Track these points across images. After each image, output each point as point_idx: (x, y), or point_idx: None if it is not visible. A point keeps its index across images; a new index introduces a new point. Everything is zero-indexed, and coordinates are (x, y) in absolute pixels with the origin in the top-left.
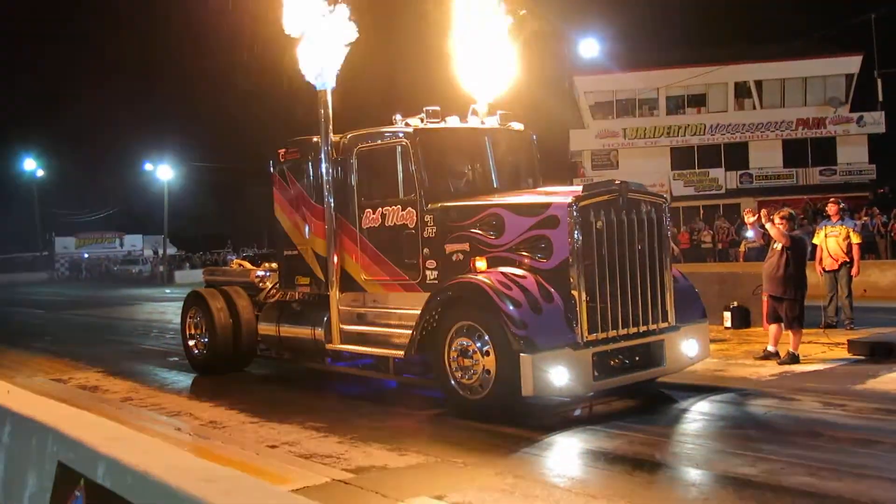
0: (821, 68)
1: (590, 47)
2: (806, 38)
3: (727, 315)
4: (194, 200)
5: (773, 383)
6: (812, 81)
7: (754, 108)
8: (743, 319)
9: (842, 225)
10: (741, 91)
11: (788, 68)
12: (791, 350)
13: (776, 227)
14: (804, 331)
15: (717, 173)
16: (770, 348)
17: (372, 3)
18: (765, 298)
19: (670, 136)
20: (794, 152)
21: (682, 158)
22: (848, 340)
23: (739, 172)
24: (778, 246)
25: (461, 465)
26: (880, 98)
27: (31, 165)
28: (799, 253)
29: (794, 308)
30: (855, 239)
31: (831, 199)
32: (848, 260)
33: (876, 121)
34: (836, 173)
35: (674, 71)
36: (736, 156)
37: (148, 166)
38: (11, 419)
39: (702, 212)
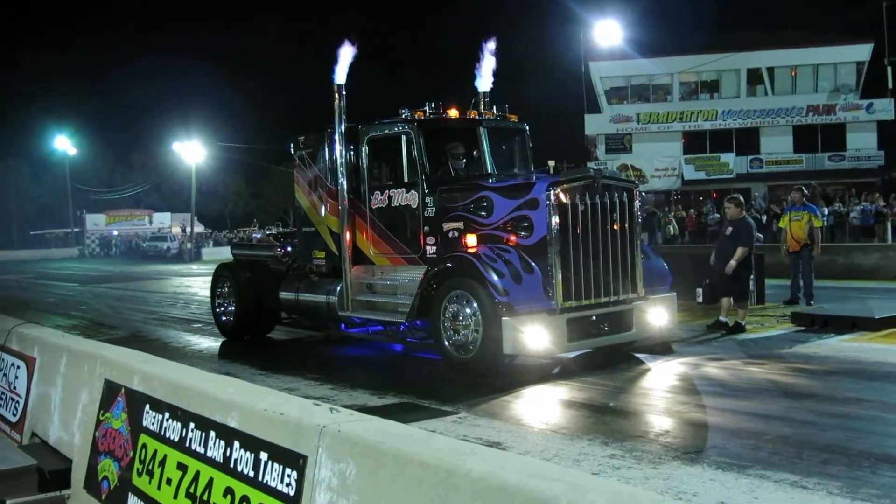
0: (832, 56)
1: (606, 33)
2: (818, 25)
3: (699, 291)
4: (222, 179)
5: (716, 348)
6: (823, 68)
7: (766, 94)
8: (713, 294)
9: (804, 210)
10: (753, 78)
11: (800, 55)
12: (738, 320)
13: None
14: (766, 305)
15: (728, 158)
16: (722, 319)
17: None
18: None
19: (683, 121)
20: (805, 138)
21: (694, 143)
22: (792, 313)
23: (750, 157)
24: (729, 230)
25: (427, 405)
26: (889, 85)
27: (63, 143)
28: (747, 235)
29: (741, 284)
30: (816, 223)
31: (795, 187)
32: (809, 242)
33: (885, 108)
34: (844, 159)
35: (687, 57)
36: (747, 141)
37: (176, 145)
38: (67, 353)
39: (714, 195)
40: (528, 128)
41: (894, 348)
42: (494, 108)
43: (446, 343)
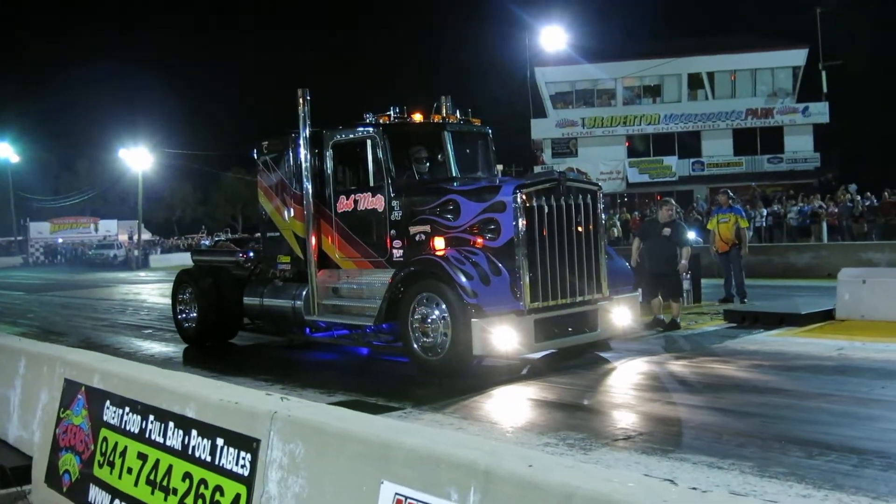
0: (769, 61)
1: (551, 39)
2: (755, 31)
3: (639, 291)
4: (169, 186)
5: (652, 344)
6: (761, 73)
7: (706, 98)
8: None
9: (731, 212)
10: (694, 82)
11: (739, 61)
12: (673, 317)
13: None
14: (702, 303)
15: (671, 161)
16: (660, 316)
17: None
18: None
19: (626, 125)
20: (744, 141)
21: (637, 147)
22: (724, 310)
23: (692, 160)
24: (666, 231)
25: (374, 402)
26: (824, 89)
27: (5, 150)
28: (686, 235)
29: (675, 283)
30: (742, 224)
31: (721, 190)
32: (737, 242)
33: (820, 111)
34: (782, 161)
35: (630, 62)
36: (689, 144)
37: (122, 152)
38: (25, 356)
39: (658, 198)
40: (490, 132)
41: (815, 341)
42: (458, 111)
43: (415, 346)
